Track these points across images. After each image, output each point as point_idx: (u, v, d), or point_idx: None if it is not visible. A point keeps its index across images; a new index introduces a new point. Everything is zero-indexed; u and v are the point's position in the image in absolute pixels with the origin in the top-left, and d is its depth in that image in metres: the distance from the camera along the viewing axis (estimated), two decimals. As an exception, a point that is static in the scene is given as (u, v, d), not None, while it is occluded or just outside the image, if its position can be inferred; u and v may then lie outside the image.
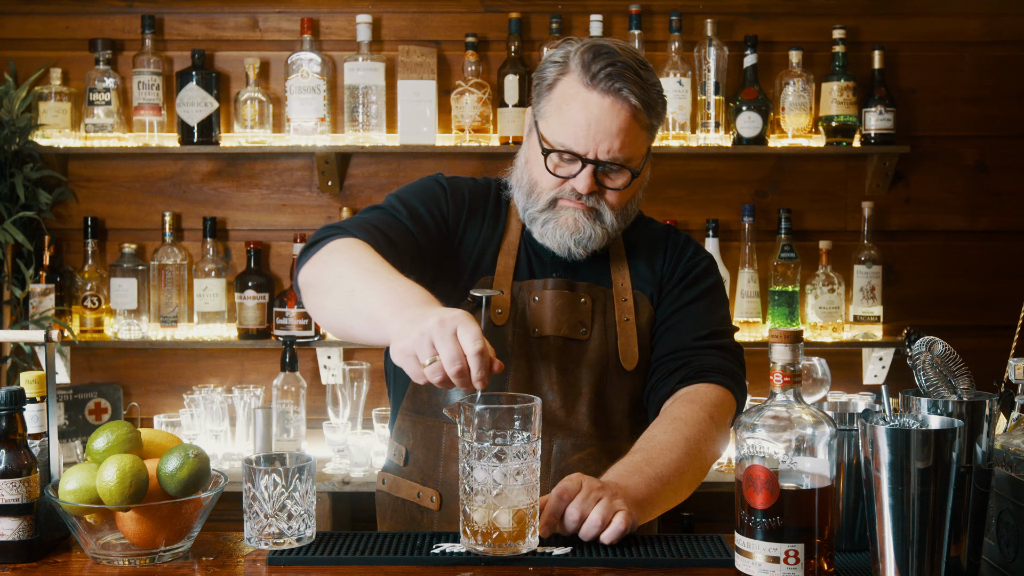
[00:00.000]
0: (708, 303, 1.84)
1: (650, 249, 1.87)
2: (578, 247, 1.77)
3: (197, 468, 1.44)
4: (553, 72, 1.74)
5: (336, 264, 1.62)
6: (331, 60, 3.32)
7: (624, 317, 1.81)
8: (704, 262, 1.88)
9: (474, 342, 1.40)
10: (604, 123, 1.69)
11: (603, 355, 1.79)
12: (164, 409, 3.34)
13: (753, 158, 3.34)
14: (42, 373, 1.57)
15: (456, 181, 1.88)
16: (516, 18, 3.24)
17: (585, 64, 1.70)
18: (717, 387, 1.74)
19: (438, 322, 1.41)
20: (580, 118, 1.69)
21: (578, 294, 1.80)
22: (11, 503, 1.43)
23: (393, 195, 1.84)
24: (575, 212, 1.75)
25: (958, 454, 1.25)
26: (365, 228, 1.71)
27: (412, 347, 1.43)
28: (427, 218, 1.79)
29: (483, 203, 1.86)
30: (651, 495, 1.56)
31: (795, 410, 1.28)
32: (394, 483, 1.86)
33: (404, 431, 1.85)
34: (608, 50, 1.70)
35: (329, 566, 1.42)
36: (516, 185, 1.83)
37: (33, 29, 3.35)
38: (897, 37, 3.34)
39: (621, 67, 1.68)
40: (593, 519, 1.46)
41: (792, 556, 1.25)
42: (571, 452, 1.75)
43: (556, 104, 1.73)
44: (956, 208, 3.38)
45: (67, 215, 3.36)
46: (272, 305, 3.25)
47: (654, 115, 1.73)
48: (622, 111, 1.69)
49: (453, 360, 1.40)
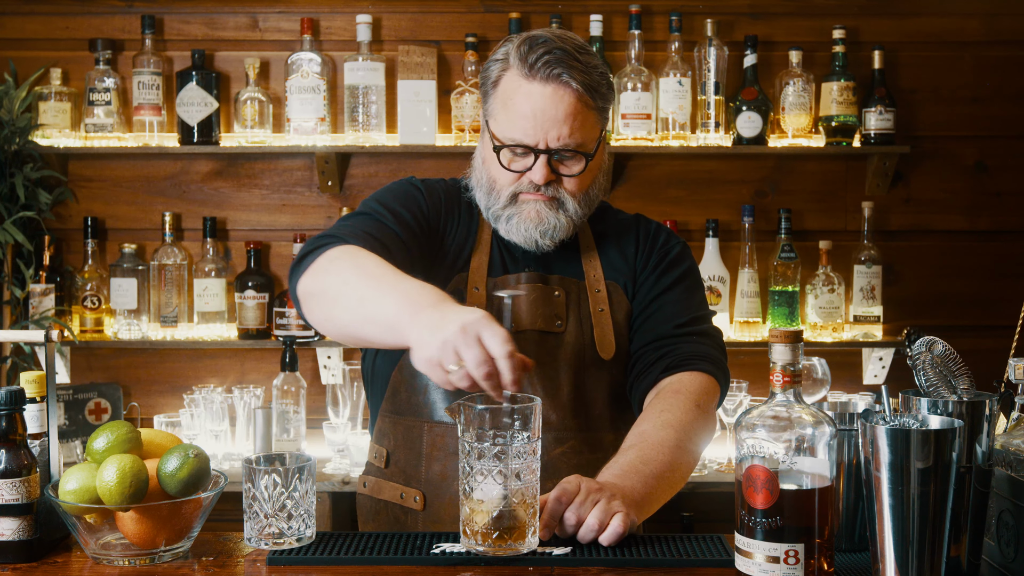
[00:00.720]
0: (684, 288, 1.85)
1: (621, 239, 1.88)
2: (544, 238, 1.77)
3: (197, 468, 1.44)
4: (496, 69, 1.76)
5: (340, 272, 1.61)
6: (331, 60, 3.32)
7: (599, 308, 1.81)
8: (677, 247, 1.88)
9: (502, 345, 1.39)
10: (549, 111, 1.69)
11: (580, 347, 1.79)
12: (164, 409, 3.34)
13: (753, 158, 3.34)
14: (42, 373, 1.57)
15: (430, 183, 1.88)
16: (516, 18, 3.24)
17: (522, 56, 1.71)
18: (701, 374, 1.75)
19: (460, 328, 1.40)
20: (525, 109, 1.70)
21: (551, 287, 1.80)
22: (11, 503, 1.43)
23: (372, 199, 1.82)
24: (536, 204, 1.75)
25: (958, 454, 1.25)
26: (356, 235, 1.69)
27: (436, 355, 1.41)
28: (410, 219, 1.79)
29: (457, 203, 1.87)
30: (648, 494, 1.57)
31: (795, 410, 1.28)
32: (376, 485, 1.85)
33: (385, 433, 1.85)
34: (544, 39, 1.71)
35: (329, 566, 1.42)
36: (476, 186, 1.83)
37: (33, 29, 3.35)
38: (897, 37, 3.34)
39: (559, 54, 1.69)
40: (591, 523, 1.46)
41: (792, 556, 1.25)
42: (553, 446, 1.74)
43: (501, 100, 1.74)
44: (956, 208, 3.38)
45: (67, 215, 3.36)
46: (272, 305, 3.25)
47: (599, 97, 1.73)
48: (565, 96, 1.69)
49: (479, 364, 1.39)
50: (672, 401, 1.70)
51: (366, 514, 1.89)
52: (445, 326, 1.41)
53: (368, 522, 1.88)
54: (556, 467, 1.69)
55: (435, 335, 1.41)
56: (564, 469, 1.68)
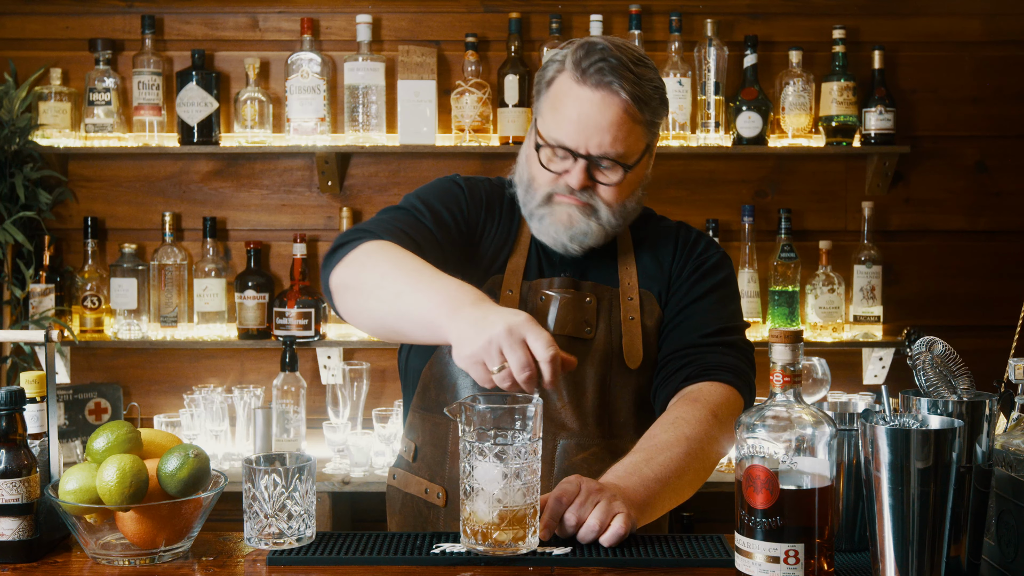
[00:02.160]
0: (718, 299, 1.82)
1: (659, 246, 1.86)
2: (572, 242, 1.77)
3: (197, 468, 1.44)
4: (552, 70, 1.76)
5: (376, 266, 1.62)
6: (331, 60, 3.32)
7: (629, 316, 1.80)
8: (715, 257, 1.86)
9: (546, 348, 1.40)
10: (594, 117, 1.69)
11: (607, 354, 1.78)
12: (164, 409, 3.34)
13: (753, 158, 3.34)
14: (42, 373, 1.57)
15: (473, 181, 1.88)
16: (516, 18, 3.24)
17: (577, 60, 1.71)
18: (722, 385, 1.72)
19: (506, 330, 1.41)
20: (572, 113, 1.70)
21: (583, 293, 1.79)
22: (11, 503, 1.43)
23: (413, 195, 1.83)
24: (569, 207, 1.75)
25: (958, 454, 1.25)
26: (391, 231, 1.70)
27: (480, 354, 1.43)
28: (448, 219, 1.79)
29: (498, 203, 1.87)
30: (650, 496, 1.55)
31: (795, 410, 1.28)
32: (404, 478, 1.88)
33: (414, 427, 1.87)
34: (601, 47, 1.71)
35: (329, 566, 1.42)
36: (518, 182, 1.84)
37: (33, 29, 3.35)
38: (897, 37, 3.34)
39: (613, 62, 1.69)
40: (591, 524, 1.45)
41: (792, 556, 1.25)
42: (575, 452, 1.74)
43: (551, 101, 1.74)
44: (956, 208, 3.38)
45: (67, 215, 3.36)
46: (272, 305, 3.25)
47: (648, 110, 1.72)
48: (613, 105, 1.69)
49: (523, 367, 1.40)
50: (688, 409, 1.67)
51: (393, 505, 1.90)
52: (490, 325, 1.42)
53: (395, 514, 1.90)
54: (577, 473, 1.66)
55: (480, 333, 1.43)
56: (585, 475, 1.67)
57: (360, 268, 1.64)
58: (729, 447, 1.71)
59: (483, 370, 1.44)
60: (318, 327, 3.22)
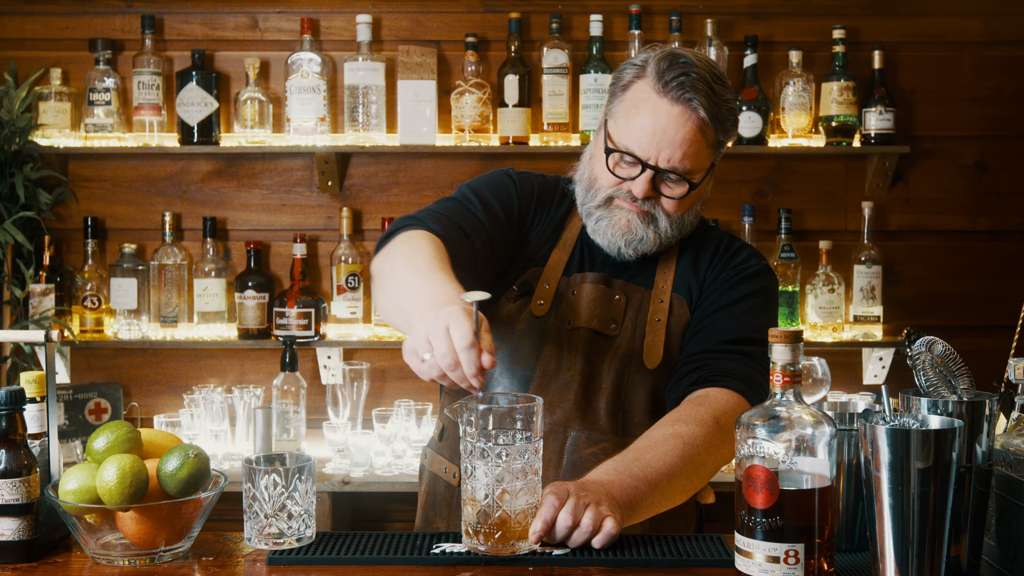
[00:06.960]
0: (749, 308, 1.80)
1: (700, 252, 1.86)
2: (628, 248, 1.78)
3: (197, 468, 1.44)
4: (630, 74, 1.76)
5: (393, 259, 1.67)
6: (331, 60, 3.32)
7: (656, 317, 1.81)
8: (755, 267, 1.85)
9: (463, 338, 1.40)
10: (669, 131, 1.70)
11: (629, 353, 1.79)
12: (164, 409, 3.34)
13: (753, 158, 3.34)
14: (42, 373, 1.57)
15: (525, 176, 1.91)
16: (516, 18, 3.24)
17: (660, 71, 1.71)
18: (730, 392, 1.70)
19: (435, 322, 1.43)
20: (647, 123, 1.71)
21: (613, 291, 1.82)
22: (11, 503, 1.43)
23: (466, 186, 1.87)
24: (629, 214, 1.76)
25: (958, 454, 1.25)
26: (439, 219, 1.74)
27: (413, 344, 1.46)
28: (499, 210, 1.83)
29: (549, 199, 1.90)
30: (636, 497, 1.53)
31: (795, 410, 1.28)
32: (431, 457, 1.93)
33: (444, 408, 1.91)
34: (685, 60, 1.72)
35: (329, 566, 1.42)
36: (578, 180, 1.86)
37: (33, 29, 3.35)
38: (897, 37, 3.34)
39: (695, 78, 1.70)
40: (584, 527, 1.44)
41: (792, 556, 1.25)
42: (585, 445, 1.75)
43: (627, 106, 1.74)
44: (956, 208, 3.38)
45: (67, 215, 3.36)
46: (272, 305, 3.25)
47: (722, 131, 1.74)
48: (688, 122, 1.70)
49: (444, 355, 1.41)
50: (690, 412, 1.67)
51: (423, 480, 1.95)
52: (430, 321, 1.44)
53: (422, 488, 1.94)
54: (586, 467, 1.66)
55: (420, 327, 1.45)
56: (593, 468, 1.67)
57: (386, 258, 1.69)
58: (731, 455, 1.68)
59: (417, 360, 1.46)
60: (318, 327, 3.22)
